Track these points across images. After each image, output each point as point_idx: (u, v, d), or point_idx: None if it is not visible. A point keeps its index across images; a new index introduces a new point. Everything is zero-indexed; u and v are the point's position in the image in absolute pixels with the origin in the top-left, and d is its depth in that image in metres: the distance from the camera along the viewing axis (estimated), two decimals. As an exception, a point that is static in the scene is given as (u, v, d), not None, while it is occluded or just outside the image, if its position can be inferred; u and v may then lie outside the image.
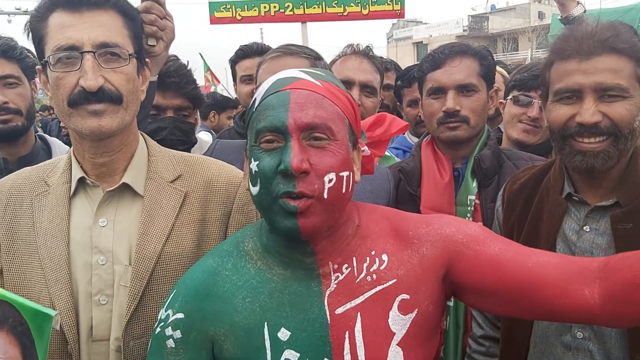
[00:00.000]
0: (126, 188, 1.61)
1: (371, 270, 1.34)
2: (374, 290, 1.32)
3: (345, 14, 3.90)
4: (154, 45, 2.10)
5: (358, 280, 1.33)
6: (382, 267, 1.34)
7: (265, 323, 1.31)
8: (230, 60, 3.55)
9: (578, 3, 3.29)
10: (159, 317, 1.39)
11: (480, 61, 2.25)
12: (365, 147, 1.43)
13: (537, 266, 1.30)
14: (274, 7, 3.82)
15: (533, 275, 1.29)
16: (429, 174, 2.25)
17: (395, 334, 1.30)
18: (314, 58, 2.12)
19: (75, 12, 1.49)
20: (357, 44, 2.83)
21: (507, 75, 3.51)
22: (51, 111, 11.32)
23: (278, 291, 1.33)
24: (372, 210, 1.46)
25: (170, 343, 1.35)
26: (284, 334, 1.29)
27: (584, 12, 3.36)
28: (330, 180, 1.23)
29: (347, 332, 1.29)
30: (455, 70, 2.21)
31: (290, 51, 2.11)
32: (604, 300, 1.24)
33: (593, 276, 1.25)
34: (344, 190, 1.27)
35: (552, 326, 1.74)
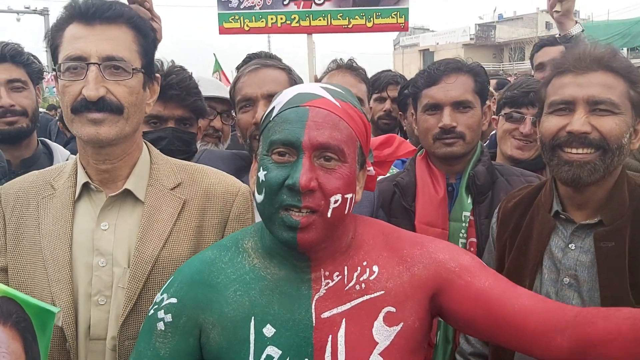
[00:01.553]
0: (128, 194, 1.67)
1: (361, 279, 1.38)
2: (361, 299, 1.36)
3: (350, 26, 3.94)
4: None
5: (347, 288, 1.37)
6: (371, 278, 1.38)
7: (253, 317, 1.35)
8: (237, 67, 3.61)
9: (576, 22, 3.32)
10: (154, 300, 1.46)
11: (474, 78, 2.27)
12: (371, 168, 1.48)
13: (521, 310, 1.34)
14: (281, 18, 3.88)
15: (517, 317, 1.33)
16: (423, 189, 2.27)
17: (378, 343, 1.34)
18: (288, 70, 2.23)
19: (88, 25, 1.57)
20: (340, 59, 2.93)
21: (493, 91, 3.52)
22: (57, 110, 11.37)
23: (269, 289, 1.37)
24: (369, 223, 1.51)
25: (161, 325, 1.40)
26: (269, 330, 1.34)
27: (582, 31, 3.39)
28: (336, 201, 1.29)
29: (330, 336, 1.33)
30: (451, 87, 2.23)
31: (267, 64, 2.21)
32: (570, 350, 1.28)
33: (566, 325, 1.30)
34: (346, 211, 1.33)
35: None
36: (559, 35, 3.45)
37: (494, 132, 3.39)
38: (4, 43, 2.56)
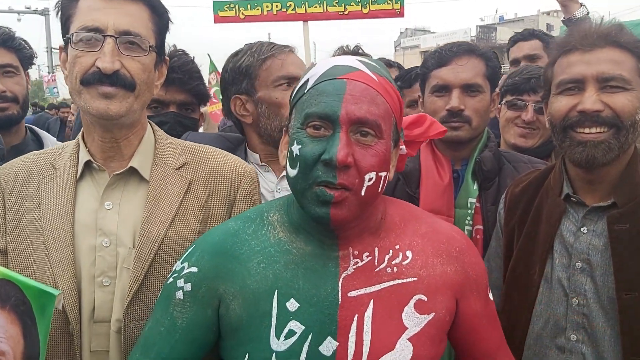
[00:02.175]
0: (133, 172, 1.64)
1: (393, 262, 1.36)
2: (392, 282, 1.34)
3: (346, 12, 3.90)
4: None
5: (377, 269, 1.35)
6: (404, 262, 1.36)
7: (276, 291, 1.33)
8: (233, 54, 3.57)
9: (581, 5, 3.28)
10: (173, 269, 1.43)
11: (486, 62, 2.23)
12: (404, 147, 1.45)
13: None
14: (276, 6, 3.84)
15: None
16: (428, 175, 2.22)
17: (407, 328, 1.32)
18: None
19: None
20: (347, 45, 2.88)
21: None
22: (58, 110, 11.28)
23: (294, 263, 1.35)
24: (398, 204, 1.48)
25: (179, 294, 1.38)
26: (292, 305, 1.31)
27: (587, 14, 3.35)
28: (370, 179, 1.26)
29: (356, 316, 1.31)
30: (462, 69, 2.18)
31: (295, 50, 2.19)
32: None
33: None
34: (379, 190, 1.30)
35: (546, 329, 1.75)
36: (564, 18, 3.41)
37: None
38: None
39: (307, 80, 1.34)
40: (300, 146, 1.26)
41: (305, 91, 1.32)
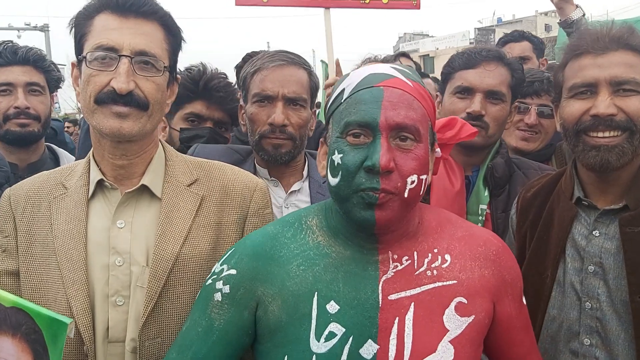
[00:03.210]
0: (144, 190, 1.64)
1: (432, 266, 1.38)
2: (432, 285, 1.36)
3: (367, 2, 3.85)
4: None
5: (417, 272, 1.37)
6: (444, 266, 1.38)
7: (316, 293, 1.34)
8: (236, 66, 3.59)
9: (577, 7, 3.28)
10: (212, 270, 1.46)
11: (512, 72, 2.21)
12: (439, 150, 1.47)
13: None
14: None
15: None
16: (438, 182, 2.20)
17: (449, 331, 1.33)
18: (310, 70, 2.18)
19: (122, 16, 1.55)
20: (376, 56, 2.93)
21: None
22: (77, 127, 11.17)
23: (334, 267, 1.37)
24: (432, 210, 1.51)
25: (218, 296, 1.40)
26: (332, 307, 1.33)
27: (583, 15, 3.35)
28: (412, 182, 1.29)
29: (397, 319, 1.32)
30: (488, 75, 2.16)
31: (292, 61, 2.14)
32: None
33: None
34: (421, 192, 1.33)
35: (560, 332, 1.75)
36: (560, 20, 3.41)
37: None
38: (28, 47, 2.63)
39: (343, 90, 1.37)
40: (341, 155, 1.29)
41: (342, 101, 1.35)
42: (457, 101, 2.20)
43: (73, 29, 1.61)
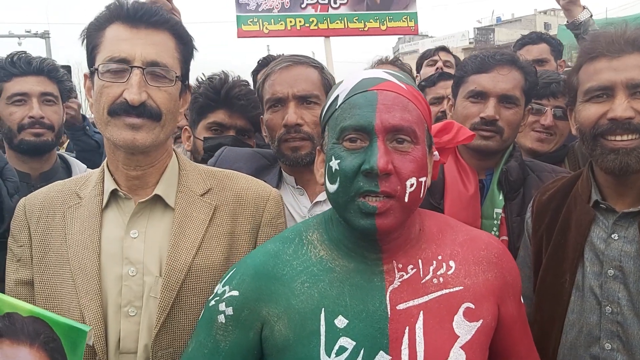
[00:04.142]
0: (158, 200, 1.63)
1: (438, 273, 1.37)
2: (440, 293, 1.35)
3: (366, 29, 3.94)
4: None
5: (424, 281, 1.36)
6: (449, 272, 1.38)
7: (323, 309, 1.32)
8: (252, 72, 3.59)
9: (584, 8, 3.26)
10: (215, 291, 1.43)
11: (526, 76, 2.19)
12: (437, 153, 1.46)
13: None
14: (300, 21, 3.84)
15: None
16: (452, 186, 2.18)
17: (459, 337, 1.32)
18: (321, 68, 2.15)
19: (133, 27, 1.55)
20: (386, 57, 2.91)
21: None
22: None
23: (339, 281, 1.35)
24: (431, 215, 1.50)
25: (221, 318, 1.38)
26: (341, 322, 1.31)
27: (591, 16, 3.33)
28: (412, 185, 1.28)
29: (407, 328, 1.31)
30: (502, 79, 2.14)
31: (299, 61, 2.12)
32: None
33: None
34: (421, 195, 1.32)
35: (580, 337, 1.73)
36: (567, 22, 3.39)
37: None
38: (42, 58, 2.66)
39: (337, 97, 1.36)
40: (338, 160, 1.28)
41: (337, 107, 1.34)
42: (470, 105, 2.17)
43: (85, 41, 1.60)
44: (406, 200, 1.26)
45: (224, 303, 1.38)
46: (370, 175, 1.23)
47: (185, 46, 1.64)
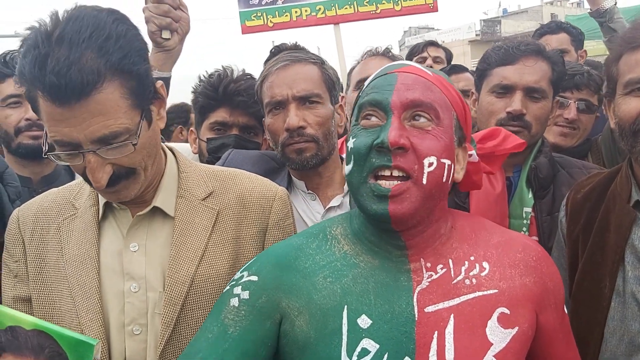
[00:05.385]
0: (157, 210, 1.52)
1: (470, 274, 1.27)
2: (472, 295, 1.25)
3: (378, 11, 3.72)
4: (168, 39, 2.01)
5: (455, 281, 1.26)
6: (482, 274, 1.28)
7: (345, 306, 1.24)
8: (265, 62, 3.47)
9: None
10: (232, 278, 1.37)
11: (553, 66, 2.07)
12: (474, 152, 1.36)
13: None
14: (305, 11, 3.66)
15: None
16: None
17: (492, 344, 1.22)
18: (321, 62, 2.04)
19: (62, 105, 1.24)
20: (376, 47, 2.80)
21: None
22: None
23: (363, 277, 1.27)
24: (467, 216, 1.42)
25: (234, 302, 1.30)
26: (364, 322, 1.23)
27: (615, 4, 3.22)
28: (430, 164, 1.19)
29: (435, 333, 1.21)
30: (528, 70, 2.02)
31: (297, 58, 2.01)
32: None
33: None
34: (444, 179, 1.22)
35: (621, 346, 1.62)
36: (590, 10, 3.28)
37: None
38: None
39: (364, 85, 1.34)
40: (354, 139, 1.23)
41: (360, 94, 1.31)
42: (496, 100, 2.06)
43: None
44: (424, 181, 1.18)
45: (240, 287, 1.31)
46: (382, 150, 1.17)
47: (135, 79, 1.32)
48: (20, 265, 1.54)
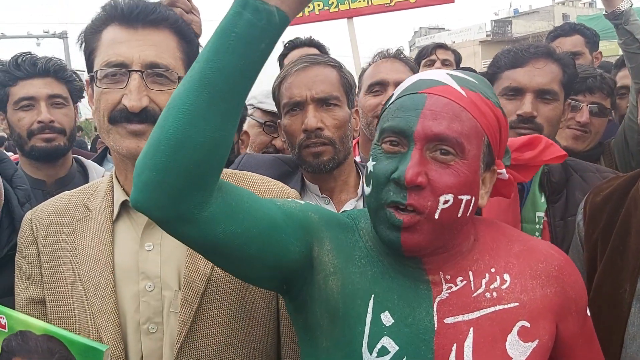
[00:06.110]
0: None
1: (491, 287, 1.25)
2: (493, 309, 1.23)
3: (392, 4, 3.63)
4: None
5: (475, 295, 1.24)
6: (503, 287, 1.25)
7: (373, 295, 1.22)
8: (279, 56, 3.45)
9: None
10: None
11: (564, 68, 2.05)
12: (504, 171, 1.32)
13: None
14: (318, 5, 3.60)
15: None
16: None
17: (512, 358, 1.20)
18: (340, 66, 2.04)
19: (129, 28, 1.43)
20: (387, 50, 2.78)
21: None
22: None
23: (389, 275, 1.25)
24: (487, 223, 1.38)
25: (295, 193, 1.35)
26: (387, 319, 1.21)
27: (631, 6, 3.16)
28: (446, 202, 1.15)
29: (454, 345, 1.19)
30: (538, 73, 2.00)
31: (317, 61, 2.01)
32: None
33: None
34: (459, 215, 1.17)
35: (641, 352, 1.57)
36: (606, 12, 3.23)
37: None
38: (47, 57, 2.54)
39: (392, 95, 1.28)
40: (374, 162, 1.20)
41: (387, 106, 1.26)
42: (506, 103, 2.02)
43: (82, 45, 1.50)
44: (436, 216, 1.14)
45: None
46: (399, 184, 1.13)
47: (188, 44, 1.52)
48: (34, 267, 1.54)
